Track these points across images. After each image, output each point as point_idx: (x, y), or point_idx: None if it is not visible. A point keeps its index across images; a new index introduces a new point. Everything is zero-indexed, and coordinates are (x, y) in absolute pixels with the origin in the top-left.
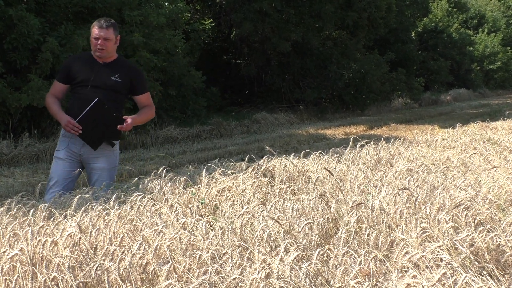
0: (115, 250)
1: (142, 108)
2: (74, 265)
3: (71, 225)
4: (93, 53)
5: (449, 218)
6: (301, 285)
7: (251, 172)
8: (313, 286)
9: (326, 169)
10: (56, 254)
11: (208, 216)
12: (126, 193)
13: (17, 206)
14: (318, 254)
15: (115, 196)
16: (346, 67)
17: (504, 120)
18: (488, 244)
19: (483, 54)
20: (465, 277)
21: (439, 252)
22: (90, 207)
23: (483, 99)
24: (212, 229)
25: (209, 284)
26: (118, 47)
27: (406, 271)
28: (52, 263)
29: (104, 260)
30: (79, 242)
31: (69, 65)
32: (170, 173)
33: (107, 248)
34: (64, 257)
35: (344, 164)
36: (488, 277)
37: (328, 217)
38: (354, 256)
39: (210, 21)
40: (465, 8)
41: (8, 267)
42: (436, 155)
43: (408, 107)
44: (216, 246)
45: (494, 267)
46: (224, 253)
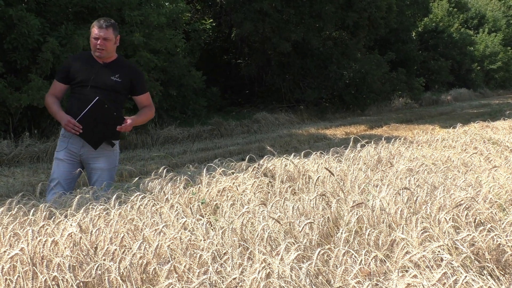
0: (115, 249)
1: (142, 109)
2: (74, 264)
3: (71, 224)
4: (93, 53)
5: (450, 218)
6: (302, 284)
7: (251, 172)
8: (313, 286)
9: (327, 168)
10: (56, 254)
11: (208, 215)
12: (127, 193)
13: (17, 206)
14: (318, 253)
15: (115, 196)
16: (347, 67)
17: (504, 120)
18: (488, 244)
19: (483, 54)
20: (466, 276)
21: (439, 251)
22: (91, 207)
23: (483, 99)
24: (212, 229)
25: (209, 283)
26: (119, 47)
27: (407, 271)
28: (53, 262)
29: (104, 259)
30: (80, 242)
31: (69, 65)
32: (171, 173)
33: (107, 247)
34: (65, 257)
35: (345, 164)
36: (489, 277)
37: (328, 216)
38: (355, 256)
39: (211, 21)
40: (466, 8)
41: (8, 266)
42: (437, 155)
43: (408, 107)
44: (216, 245)
45: (494, 266)
46: (224, 253)
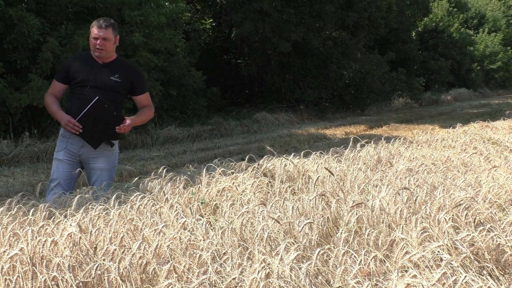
0: (115, 249)
1: (141, 109)
2: (74, 264)
3: (71, 224)
4: (92, 53)
5: (449, 218)
6: (301, 284)
7: (251, 171)
8: (313, 286)
9: (327, 168)
10: (56, 254)
11: (208, 215)
12: (126, 192)
13: (17, 206)
14: (318, 253)
15: (115, 195)
16: (347, 67)
17: (504, 120)
18: (488, 244)
19: (483, 54)
20: (465, 276)
21: (439, 251)
22: (90, 207)
23: (483, 99)
24: (212, 229)
25: (209, 284)
26: (119, 47)
27: (406, 271)
28: (52, 262)
29: (104, 259)
30: (79, 242)
31: (69, 65)
32: (170, 173)
33: (107, 247)
34: (64, 257)
35: (344, 164)
36: (488, 277)
37: (328, 216)
38: (354, 256)
39: (211, 21)
40: (466, 8)
41: (8, 266)
42: (436, 154)
43: (408, 107)
44: (216, 245)
45: (494, 267)
46: (224, 253)
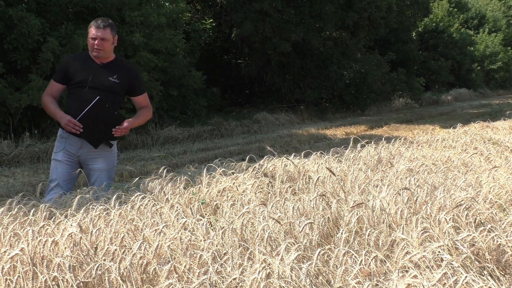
0: (115, 250)
1: (139, 110)
2: (74, 265)
3: (71, 225)
4: (91, 53)
5: (450, 218)
6: (302, 285)
7: (251, 172)
8: (313, 286)
9: (328, 168)
10: (56, 254)
11: (208, 216)
12: (127, 193)
13: (17, 206)
14: (318, 254)
15: (115, 196)
16: (347, 67)
17: (505, 120)
18: (488, 244)
19: (483, 54)
20: (466, 277)
21: (439, 252)
22: (91, 207)
23: (484, 99)
24: (212, 229)
25: (209, 284)
26: (119, 47)
27: (407, 271)
28: (53, 263)
29: (104, 260)
30: (80, 242)
31: (67, 66)
32: (171, 173)
33: (107, 248)
34: (65, 257)
35: (345, 164)
36: (489, 277)
37: (328, 217)
38: (355, 256)
39: (211, 21)
40: (466, 8)
41: (8, 267)
42: (437, 155)
43: (408, 107)
44: (216, 246)
45: (494, 267)
46: (224, 253)
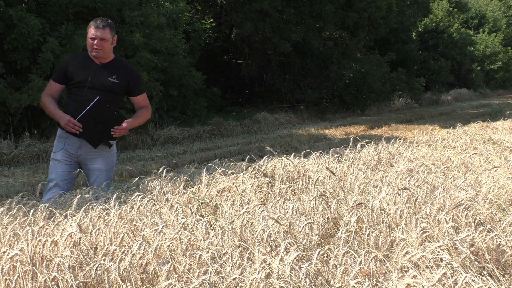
0: (115, 250)
1: (138, 110)
2: (74, 265)
3: (71, 225)
4: (90, 53)
5: (449, 218)
6: (301, 285)
7: (251, 172)
8: (313, 286)
9: (328, 168)
10: (56, 254)
11: (208, 216)
12: (127, 193)
13: (17, 206)
14: (318, 254)
15: (115, 196)
16: (347, 67)
17: (504, 120)
18: (488, 244)
19: (483, 54)
20: (465, 277)
21: (439, 252)
22: (91, 207)
23: (483, 99)
24: (212, 229)
25: (209, 284)
26: (119, 47)
27: (406, 271)
28: (52, 263)
29: (104, 260)
30: (79, 242)
31: (66, 66)
32: (171, 173)
33: (107, 248)
34: (64, 257)
35: (345, 164)
36: (488, 277)
37: (328, 217)
38: (354, 256)
39: (211, 21)
40: (466, 8)
41: (8, 267)
42: (437, 155)
43: (408, 107)
44: (216, 246)
45: (494, 267)
46: (224, 253)
